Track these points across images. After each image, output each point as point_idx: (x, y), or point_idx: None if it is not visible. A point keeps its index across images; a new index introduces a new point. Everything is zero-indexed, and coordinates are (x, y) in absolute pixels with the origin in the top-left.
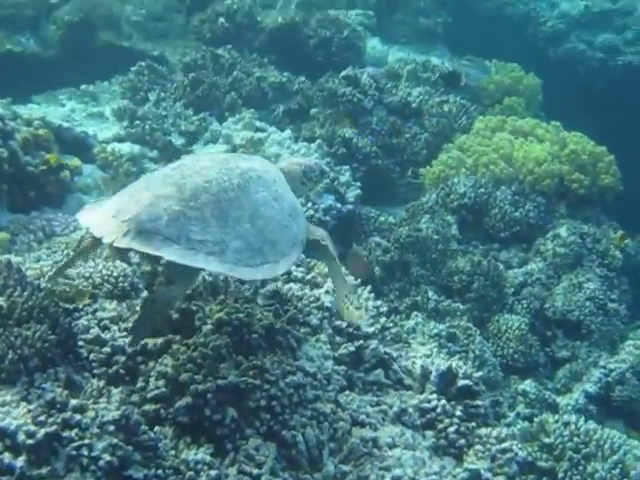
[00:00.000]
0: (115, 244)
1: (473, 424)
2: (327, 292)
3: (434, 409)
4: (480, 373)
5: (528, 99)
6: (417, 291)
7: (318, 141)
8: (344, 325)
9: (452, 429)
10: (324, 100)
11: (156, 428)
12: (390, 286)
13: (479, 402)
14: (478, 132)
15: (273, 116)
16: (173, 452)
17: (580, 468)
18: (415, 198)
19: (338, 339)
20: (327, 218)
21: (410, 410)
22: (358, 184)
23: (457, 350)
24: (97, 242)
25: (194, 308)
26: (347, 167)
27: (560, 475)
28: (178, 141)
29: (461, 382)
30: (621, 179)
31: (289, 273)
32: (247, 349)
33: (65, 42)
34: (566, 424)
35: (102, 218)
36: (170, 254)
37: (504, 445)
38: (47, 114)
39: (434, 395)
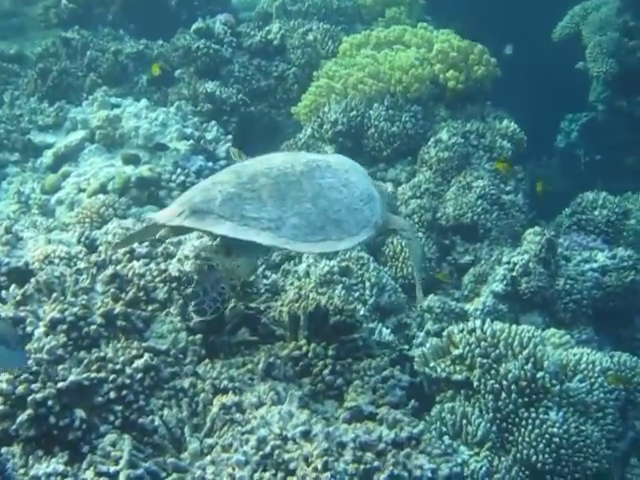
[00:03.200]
0: (168, 223)
1: (349, 360)
2: (179, 260)
3: (306, 355)
4: (354, 304)
5: (409, 5)
6: None
7: (176, 103)
8: None
9: (327, 371)
10: (181, 59)
11: (3, 449)
12: None
13: (355, 335)
14: (344, 53)
15: (137, 88)
16: (23, 470)
17: (493, 372)
18: None
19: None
20: (201, 180)
21: (278, 362)
22: (229, 137)
23: (353, 283)
24: (159, 226)
25: (22, 314)
26: (213, 122)
27: (475, 384)
28: (38, 138)
29: (333, 319)
30: (498, 66)
31: (133, 251)
32: (89, 343)
33: None
34: (471, 331)
35: (166, 208)
36: (221, 230)
37: (385, 374)
38: None
39: (304, 340)
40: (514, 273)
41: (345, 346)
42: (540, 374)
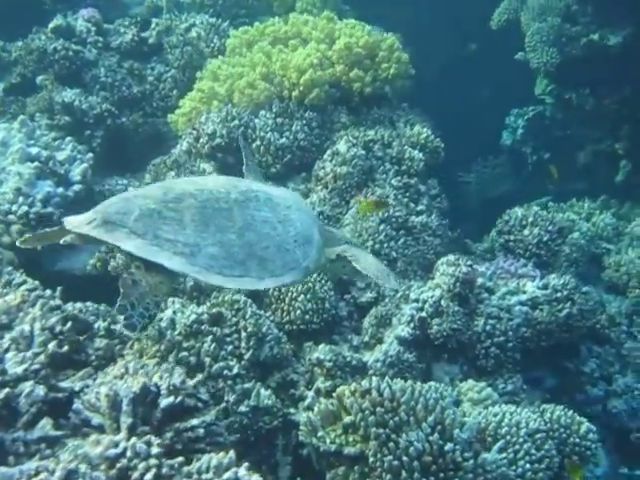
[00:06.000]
0: (74, 229)
1: (179, 460)
2: None
3: (124, 454)
4: (195, 380)
5: None
6: None
7: (20, 117)
8: None
9: (150, 476)
10: (36, 64)
11: None
12: None
13: (194, 421)
14: (233, 50)
15: None
16: None
17: (391, 445)
18: None
19: None
20: (49, 209)
21: (83, 469)
22: (88, 156)
23: (226, 333)
24: (66, 230)
25: None
26: (68, 139)
27: (371, 460)
28: None
29: (164, 402)
30: (411, 63)
31: None
32: None
33: None
34: (365, 393)
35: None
36: (130, 246)
37: (227, 476)
38: None
39: (123, 433)
40: (423, 313)
41: (182, 437)
42: (449, 446)
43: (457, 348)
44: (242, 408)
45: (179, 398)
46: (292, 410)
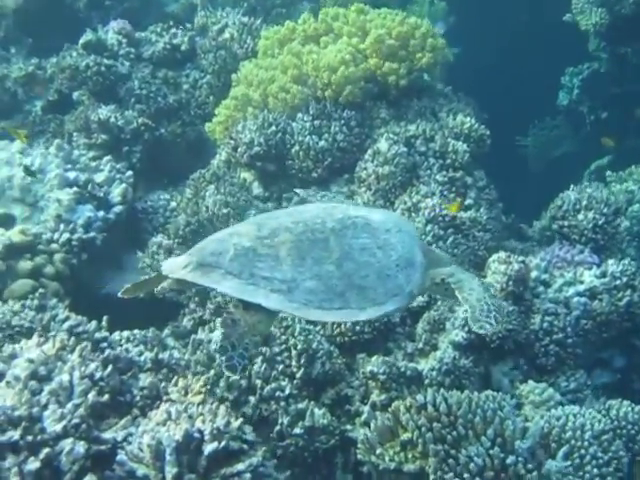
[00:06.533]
0: (171, 275)
1: None
2: (8, 383)
3: None
4: (239, 421)
5: None
6: None
7: (56, 142)
8: (16, 436)
9: None
10: (69, 82)
11: None
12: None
13: (241, 466)
14: (265, 52)
15: (31, 119)
16: None
17: (451, 461)
18: None
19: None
20: (92, 234)
21: None
22: (128, 174)
23: (276, 352)
24: (163, 276)
25: None
26: (107, 159)
27: (431, 477)
28: None
29: (209, 448)
30: (449, 48)
31: None
32: None
33: None
34: (420, 408)
35: (177, 257)
36: (226, 287)
37: None
38: None
39: None
40: None
41: None
42: (511, 459)
43: (514, 348)
44: (297, 430)
45: (223, 443)
46: (349, 427)
